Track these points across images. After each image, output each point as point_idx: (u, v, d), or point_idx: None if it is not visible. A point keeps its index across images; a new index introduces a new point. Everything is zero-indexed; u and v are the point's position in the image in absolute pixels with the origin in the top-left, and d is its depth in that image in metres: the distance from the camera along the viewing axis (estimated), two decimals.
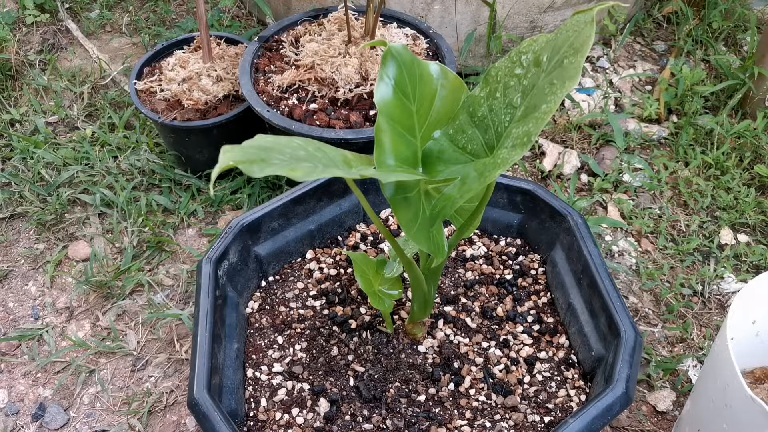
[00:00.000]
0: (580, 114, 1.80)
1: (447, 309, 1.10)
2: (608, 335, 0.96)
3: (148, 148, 1.68)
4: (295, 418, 0.96)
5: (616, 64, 2.00)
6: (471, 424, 0.95)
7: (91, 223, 1.56)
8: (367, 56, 1.46)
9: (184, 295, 1.42)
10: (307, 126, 1.35)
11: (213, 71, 1.56)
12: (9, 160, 1.69)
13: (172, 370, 1.31)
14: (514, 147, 0.67)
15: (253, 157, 0.59)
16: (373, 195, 1.21)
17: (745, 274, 1.46)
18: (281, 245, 1.15)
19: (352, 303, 1.11)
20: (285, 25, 1.60)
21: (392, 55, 0.75)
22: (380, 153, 0.74)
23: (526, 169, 1.68)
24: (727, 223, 1.55)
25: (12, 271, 1.49)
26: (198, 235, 1.54)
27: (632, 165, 1.67)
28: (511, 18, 1.81)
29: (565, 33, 0.65)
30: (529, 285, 1.14)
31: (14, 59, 1.93)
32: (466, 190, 0.73)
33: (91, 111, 1.83)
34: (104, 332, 1.37)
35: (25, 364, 1.32)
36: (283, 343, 1.06)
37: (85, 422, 1.24)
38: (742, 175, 1.64)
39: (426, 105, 0.80)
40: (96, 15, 2.16)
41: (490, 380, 1.00)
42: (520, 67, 0.72)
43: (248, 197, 1.57)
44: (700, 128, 1.74)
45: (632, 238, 1.54)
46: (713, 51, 1.99)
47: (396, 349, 1.04)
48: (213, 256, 1.02)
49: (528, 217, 1.18)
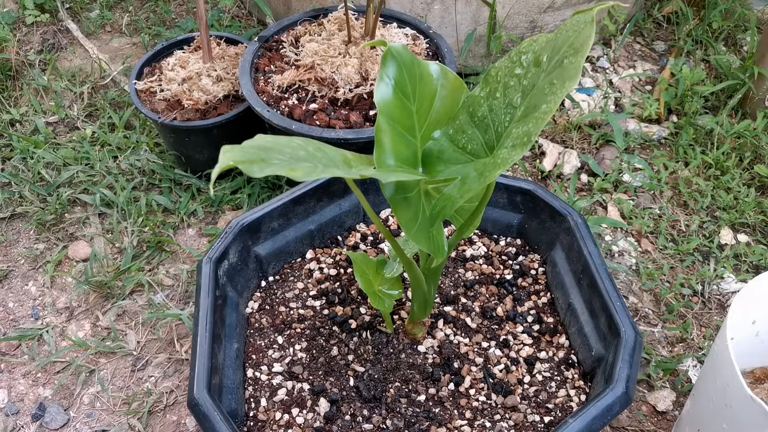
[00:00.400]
0: (580, 114, 1.80)
1: (447, 309, 1.10)
2: (608, 335, 0.96)
3: (148, 148, 1.68)
4: (295, 418, 0.96)
5: (616, 64, 2.00)
6: (471, 424, 0.95)
7: (91, 223, 1.56)
8: (367, 56, 1.46)
9: (184, 295, 1.42)
10: (307, 126, 1.35)
11: (213, 71, 1.56)
12: (9, 160, 1.69)
13: (172, 370, 1.31)
14: (514, 147, 0.67)
15: (253, 157, 0.59)
16: (373, 195, 1.21)
17: (745, 274, 1.46)
18: (281, 245, 1.15)
19: (352, 303, 1.11)
20: (285, 25, 1.60)
21: (392, 55, 0.75)
22: (380, 153, 0.74)
23: (526, 169, 1.68)
24: (727, 223, 1.55)
25: (12, 271, 1.49)
26: (198, 235, 1.54)
27: (632, 165, 1.67)
28: (511, 18, 1.81)
29: (565, 33, 0.65)
30: (529, 285, 1.14)
31: (14, 59, 1.93)
32: (466, 190, 0.73)
33: (91, 111, 1.83)
34: (104, 332, 1.37)
35: (25, 364, 1.32)
36: (283, 343, 1.06)
37: (85, 422, 1.24)
38: (742, 175, 1.64)
39: (426, 105, 0.80)
40: (96, 15, 2.16)
41: (490, 380, 1.00)
42: (520, 67, 0.72)
43: (248, 197, 1.57)
44: (700, 128, 1.74)
45: (632, 238, 1.54)
46: (713, 51, 1.99)
47: (396, 349, 1.04)
48: (213, 256, 1.02)
49: (528, 217, 1.18)
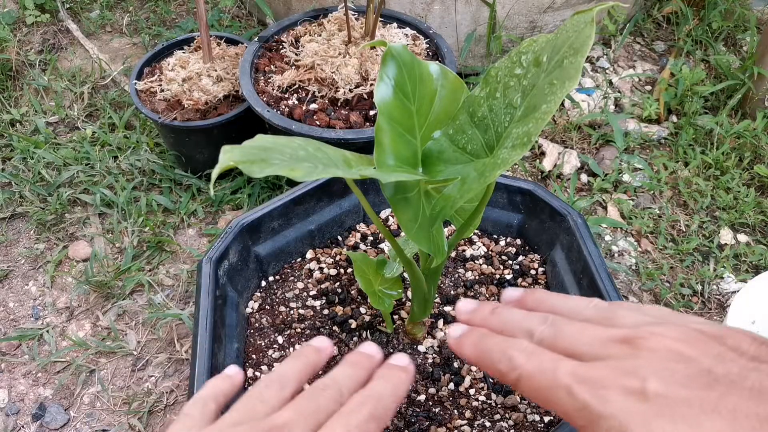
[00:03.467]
0: (580, 114, 1.80)
1: (447, 309, 1.10)
2: None
3: (148, 148, 1.68)
4: None
5: (616, 64, 2.00)
6: (471, 423, 0.95)
7: (92, 223, 1.56)
8: (367, 56, 1.46)
9: (185, 295, 1.42)
10: (307, 126, 1.35)
11: (213, 71, 1.57)
12: (9, 160, 1.69)
13: (173, 369, 1.31)
14: (514, 147, 0.67)
15: (253, 158, 0.59)
16: (373, 195, 1.21)
17: (744, 274, 1.46)
18: (281, 245, 1.15)
19: (352, 303, 1.11)
20: (285, 26, 1.61)
21: (392, 55, 0.75)
22: (380, 153, 0.74)
23: (526, 169, 1.68)
24: (726, 223, 1.55)
25: (12, 271, 1.49)
26: (198, 235, 1.54)
27: (632, 165, 1.67)
28: (511, 18, 1.81)
29: (565, 33, 0.65)
30: (529, 285, 1.14)
31: (14, 59, 1.93)
32: (466, 190, 0.73)
33: (92, 111, 1.83)
34: (104, 332, 1.37)
35: (25, 364, 1.32)
36: (283, 343, 1.06)
37: (85, 422, 1.24)
38: (741, 175, 1.64)
39: (426, 105, 0.80)
40: (96, 15, 2.16)
41: (490, 380, 1.00)
42: (520, 68, 0.72)
43: (248, 197, 1.57)
44: (700, 128, 1.75)
45: (632, 238, 1.54)
46: (713, 51, 1.99)
47: (396, 349, 1.04)
48: (213, 256, 1.02)
49: (528, 217, 1.18)
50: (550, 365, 0.37)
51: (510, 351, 0.40)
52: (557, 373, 0.37)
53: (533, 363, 0.38)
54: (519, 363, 0.39)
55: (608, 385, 0.35)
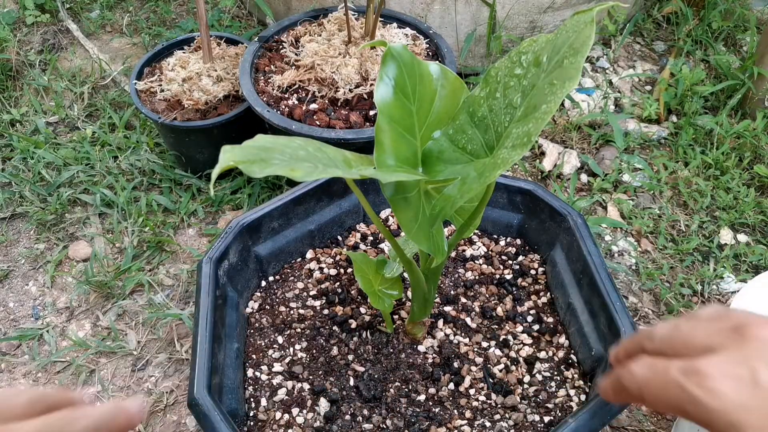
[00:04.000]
0: (579, 114, 1.80)
1: (447, 309, 1.10)
2: (608, 335, 0.96)
3: (148, 148, 1.68)
4: (295, 417, 0.96)
5: (616, 64, 2.00)
6: (471, 423, 0.95)
7: (92, 223, 1.56)
8: (367, 56, 1.46)
9: (185, 295, 1.42)
10: (307, 126, 1.35)
11: (213, 71, 1.57)
12: (9, 160, 1.69)
13: (173, 369, 1.31)
14: (514, 147, 0.67)
15: (253, 157, 0.59)
16: (373, 195, 1.21)
17: (744, 274, 1.46)
18: (281, 245, 1.15)
19: (352, 303, 1.11)
20: (285, 26, 1.61)
21: (392, 55, 0.75)
22: (380, 153, 0.74)
23: (526, 169, 1.68)
24: (726, 223, 1.55)
25: (12, 271, 1.49)
26: (198, 235, 1.54)
27: (632, 165, 1.67)
28: (511, 18, 1.82)
29: (565, 33, 0.65)
30: (529, 285, 1.14)
31: (15, 59, 1.93)
32: (466, 190, 0.73)
33: (92, 111, 1.83)
34: (104, 332, 1.37)
35: (25, 364, 1.32)
36: (283, 343, 1.06)
37: None
38: (741, 175, 1.64)
39: (426, 105, 0.80)
40: (96, 15, 2.17)
41: (490, 380, 1.00)
42: (519, 68, 0.72)
43: (248, 197, 1.57)
44: (700, 128, 1.75)
45: (632, 238, 1.54)
46: (713, 51, 1.99)
47: (396, 349, 1.04)
48: (213, 256, 1.02)
49: (528, 217, 1.18)
50: (662, 366, 0.38)
51: (630, 366, 0.40)
52: (669, 372, 0.37)
53: (648, 370, 0.38)
54: (638, 374, 0.39)
55: (717, 376, 0.34)
